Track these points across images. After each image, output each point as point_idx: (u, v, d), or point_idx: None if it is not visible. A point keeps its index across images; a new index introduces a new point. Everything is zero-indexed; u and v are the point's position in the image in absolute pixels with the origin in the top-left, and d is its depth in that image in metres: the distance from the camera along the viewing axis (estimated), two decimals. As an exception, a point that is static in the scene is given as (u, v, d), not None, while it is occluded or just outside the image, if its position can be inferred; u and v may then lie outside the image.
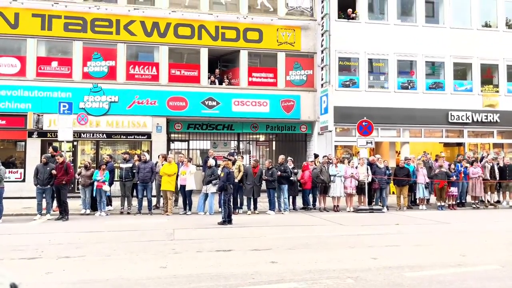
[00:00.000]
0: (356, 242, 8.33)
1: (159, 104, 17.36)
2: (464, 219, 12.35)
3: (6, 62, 16.59)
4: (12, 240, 8.63)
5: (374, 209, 13.72)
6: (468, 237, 9.14)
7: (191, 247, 7.76)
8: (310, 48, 18.93)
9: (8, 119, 16.25)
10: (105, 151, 17.29)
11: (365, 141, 14.45)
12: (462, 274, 5.82)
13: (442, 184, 14.23)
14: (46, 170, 11.75)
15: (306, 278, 5.53)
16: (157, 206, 13.77)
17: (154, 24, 17.55)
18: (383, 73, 19.41)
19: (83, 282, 5.44)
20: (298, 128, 19.23)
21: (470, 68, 20.05)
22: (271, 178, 13.01)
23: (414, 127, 19.31)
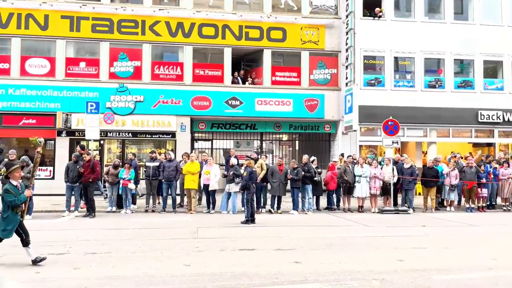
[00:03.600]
0: (381, 244, 8.18)
1: (183, 103, 17.52)
2: (494, 221, 11.97)
3: (37, 63, 17.08)
4: (42, 236, 8.86)
5: (400, 210, 13.45)
6: (498, 240, 8.85)
7: (215, 245, 7.79)
8: (335, 47, 18.72)
9: (38, 118, 16.73)
10: (131, 150, 17.58)
11: (390, 141, 14.18)
12: (493, 278, 5.63)
13: (471, 185, 13.83)
14: (76, 168, 12.05)
15: (330, 279, 5.46)
16: (181, 205, 13.91)
17: (179, 24, 17.73)
18: (410, 71, 19.01)
19: (109, 278, 5.53)
20: (322, 127, 19.06)
21: (501, 66, 19.40)
22: (296, 177, 12.95)
23: (442, 126, 18.83)
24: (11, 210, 6.12)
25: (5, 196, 6.13)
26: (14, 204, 6.11)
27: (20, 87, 16.67)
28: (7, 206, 6.11)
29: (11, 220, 6.12)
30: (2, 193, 6.18)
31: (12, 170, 6.37)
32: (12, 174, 6.37)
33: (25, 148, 17.03)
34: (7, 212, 6.10)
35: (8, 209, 6.11)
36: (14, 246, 7.29)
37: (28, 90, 16.71)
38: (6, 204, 6.12)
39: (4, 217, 6.11)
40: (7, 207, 6.11)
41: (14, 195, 6.12)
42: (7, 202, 6.09)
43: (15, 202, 6.10)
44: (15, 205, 6.12)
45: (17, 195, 6.16)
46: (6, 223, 6.09)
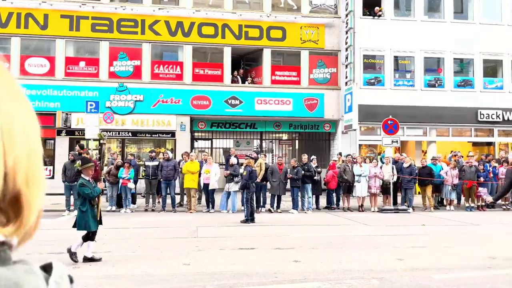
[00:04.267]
0: (381, 243, 8.18)
1: (183, 103, 17.52)
2: (493, 220, 11.98)
3: (36, 62, 17.07)
4: (41, 235, 8.83)
5: (400, 209, 13.46)
6: (498, 239, 8.85)
7: (214, 244, 7.79)
8: (334, 46, 18.71)
9: (38, 117, 16.23)
10: (131, 149, 17.59)
11: (390, 140, 14.19)
12: (492, 277, 5.63)
13: (470, 184, 13.84)
14: (73, 167, 12.03)
15: (329, 278, 5.47)
16: (180, 204, 13.91)
17: (178, 23, 17.72)
18: (409, 70, 19.00)
19: (109, 277, 5.54)
20: (322, 126, 19.06)
21: (500, 65, 19.39)
22: (296, 176, 12.95)
23: (442, 126, 18.82)
24: (89, 203, 6.41)
25: (81, 190, 6.41)
26: (92, 196, 6.38)
27: (20, 86, 16.64)
28: (84, 199, 6.40)
29: (91, 212, 6.41)
30: (78, 188, 6.51)
31: (86, 166, 6.65)
32: (85, 170, 6.62)
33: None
34: (85, 205, 6.39)
35: (85, 203, 6.40)
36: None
37: (27, 90, 16.69)
38: (83, 198, 6.42)
39: (84, 211, 6.38)
40: (84, 200, 6.40)
41: (89, 188, 6.40)
42: (84, 195, 6.38)
43: (92, 194, 6.37)
44: (92, 197, 6.39)
45: (92, 188, 6.44)
46: (87, 217, 6.36)
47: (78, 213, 6.44)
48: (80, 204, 6.43)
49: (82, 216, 6.35)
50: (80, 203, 6.43)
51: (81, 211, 6.37)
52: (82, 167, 6.69)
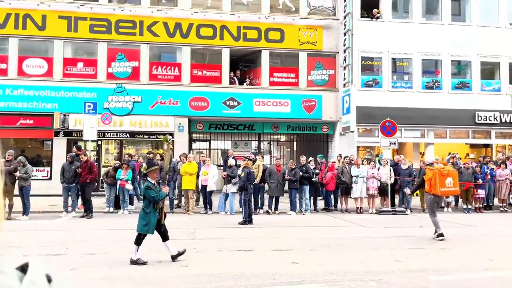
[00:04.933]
0: (379, 244, 8.19)
1: (181, 104, 17.52)
2: (491, 222, 12.00)
3: (34, 63, 17.04)
4: (39, 237, 8.85)
5: (397, 211, 13.48)
6: (495, 241, 8.87)
7: (212, 246, 7.79)
8: (332, 48, 18.75)
9: (36, 118, 16.69)
10: (128, 150, 17.56)
11: (388, 142, 14.22)
12: (489, 279, 5.65)
13: (468, 186, 13.87)
14: (71, 169, 12.03)
15: (327, 280, 5.47)
16: (178, 205, 13.90)
17: (177, 25, 17.72)
18: (407, 72, 19.05)
19: (106, 278, 5.52)
20: (320, 128, 19.08)
21: (498, 67, 19.47)
22: (294, 178, 12.96)
23: (439, 127, 18.88)
24: (153, 206, 6.46)
25: (146, 193, 6.49)
26: (157, 200, 6.46)
27: (18, 87, 16.63)
28: (149, 202, 6.47)
29: (153, 215, 6.44)
30: (143, 190, 6.58)
31: (152, 170, 6.78)
32: (151, 174, 6.74)
33: (22, 148, 17.01)
34: (149, 207, 6.46)
35: (150, 205, 6.47)
36: (10, 247, 7.27)
37: (25, 90, 16.68)
38: (148, 200, 6.49)
39: (147, 212, 6.45)
40: (149, 203, 6.47)
41: (155, 191, 6.49)
42: (150, 198, 6.44)
43: (157, 197, 6.46)
44: (157, 201, 6.47)
45: (157, 192, 6.51)
46: (148, 219, 6.43)
47: (141, 214, 6.51)
48: (145, 206, 6.53)
49: (144, 217, 6.45)
50: (145, 205, 6.52)
51: (145, 212, 6.47)
52: (147, 170, 6.81)
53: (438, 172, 8.80)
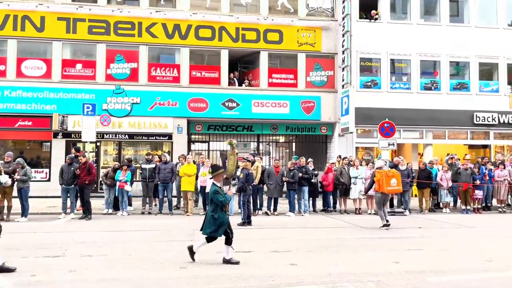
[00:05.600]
0: (377, 245, 8.20)
1: (180, 105, 17.52)
2: (489, 223, 12.02)
3: (33, 65, 17.04)
4: (37, 238, 8.84)
5: (396, 212, 13.49)
6: (494, 242, 8.89)
7: (211, 248, 7.77)
8: (331, 49, 18.78)
9: (35, 120, 16.67)
10: (127, 151, 17.57)
11: (387, 143, 14.24)
12: (488, 280, 5.66)
13: (466, 187, 13.89)
14: (70, 170, 12.03)
15: (326, 281, 5.48)
16: (177, 207, 13.90)
17: (176, 26, 17.73)
18: (406, 73, 19.09)
19: (105, 280, 5.53)
20: (319, 129, 19.10)
21: (496, 68, 19.52)
22: (292, 179, 12.96)
23: (438, 128, 18.91)
24: (221, 210, 6.51)
25: (215, 197, 6.51)
26: (224, 204, 6.54)
27: (16, 88, 16.63)
28: (216, 206, 6.49)
29: (221, 219, 6.49)
30: (211, 195, 6.58)
31: (218, 173, 6.75)
32: (216, 177, 6.74)
33: (21, 150, 17.00)
34: (217, 212, 6.49)
35: (217, 209, 6.49)
36: (9, 249, 7.27)
37: (24, 92, 16.67)
38: (215, 204, 6.51)
39: (216, 218, 6.48)
40: (216, 207, 6.50)
41: (222, 195, 6.54)
42: (218, 202, 6.48)
43: (224, 201, 6.53)
44: (224, 205, 6.54)
45: (224, 195, 6.57)
46: (218, 223, 6.46)
47: (209, 218, 6.52)
48: (212, 210, 6.52)
49: (213, 222, 6.46)
50: (212, 209, 6.53)
51: (213, 218, 6.48)
52: (213, 174, 6.79)
53: (385, 174, 10.56)
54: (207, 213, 6.69)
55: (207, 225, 6.52)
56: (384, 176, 10.54)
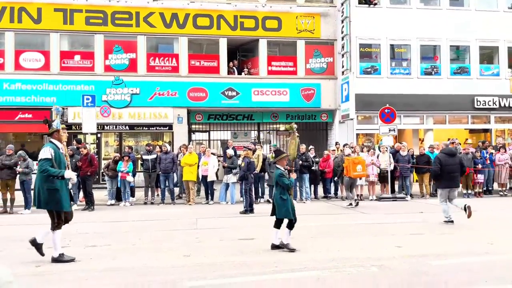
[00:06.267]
0: (379, 231, 8.24)
1: (179, 95, 17.47)
2: (490, 206, 12.06)
3: (31, 57, 16.95)
4: (41, 230, 8.87)
5: (397, 197, 13.53)
6: (495, 225, 8.93)
7: (214, 236, 7.84)
8: (330, 35, 18.64)
9: (34, 112, 16.64)
10: (128, 142, 17.56)
11: (387, 129, 14.21)
12: (489, 263, 5.70)
13: (467, 171, 13.88)
14: (72, 162, 12.02)
15: (329, 267, 5.51)
16: (179, 196, 13.95)
17: (173, 15, 17.59)
18: (406, 59, 18.97)
19: (109, 270, 5.57)
20: (319, 116, 19.06)
21: (496, 51, 19.39)
22: (293, 167, 12.96)
23: (438, 113, 18.87)
24: (287, 192, 6.64)
25: (281, 180, 6.64)
26: (290, 186, 6.70)
27: (15, 81, 16.57)
28: (282, 188, 6.64)
29: (290, 200, 6.64)
30: (277, 178, 6.68)
31: (281, 157, 6.92)
32: (280, 161, 6.91)
33: (22, 143, 17.00)
34: (285, 194, 6.63)
35: (285, 191, 6.63)
36: (14, 241, 7.32)
37: (23, 85, 16.62)
38: (281, 187, 6.65)
39: (284, 199, 6.59)
40: (283, 189, 6.63)
41: (287, 178, 6.69)
42: (283, 185, 6.62)
43: (290, 184, 6.68)
44: (289, 187, 6.70)
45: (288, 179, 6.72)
46: (287, 204, 6.57)
47: (278, 201, 6.63)
48: (280, 193, 6.65)
49: (282, 204, 6.57)
50: (280, 192, 6.66)
51: (282, 199, 6.60)
52: (276, 159, 6.95)
53: (352, 161, 12.02)
54: (274, 197, 6.82)
55: (278, 208, 6.63)
56: (351, 163, 11.95)
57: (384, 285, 4.73)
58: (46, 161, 5.88)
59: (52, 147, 6.02)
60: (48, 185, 5.84)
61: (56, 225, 5.91)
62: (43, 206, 5.92)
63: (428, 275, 5.10)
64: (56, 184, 5.85)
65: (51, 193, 5.83)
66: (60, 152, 6.13)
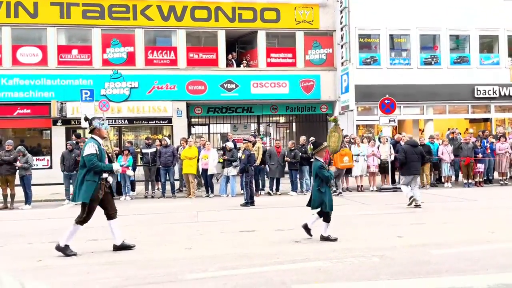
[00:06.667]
0: (380, 221, 8.24)
1: (178, 88, 17.40)
2: (491, 196, 12.07)
3: (28, 52, 16.86)
4: (42, 225, 8.90)
5: (398, 188, 13.50)
6: (496, 214, 8.93)
7: (215, 228, 7.84)
8: (329, 26, 18.52)
9: (33, 108, 16.61)
10: (128, 136, 17.53)
11: (387, 119, 14.18)
12: (490, 251, 5.69)
13: (468, 161, 13.89)
14: (71, 157, 12.04)
15: (330, 257, 5.51)
16: (180, 190, 13.95)
17: (171, 8, 17.46)
18: (405, 49, 18.88)
19: (111, 263, 5.56)
20: (319, 108, 19.01)
21: (496, 40, 19.30)
22: (293, 159, 12.96)
23: (438, 103, 18.82)
24: (326, 184, 6.63)
25: (321, 172, 6.57)
26: (330, 178, 6.70)
27: (13, 76, 16.50)
28: (321, 181, 6.59)
29: (328, 193, 6.61)
30: (317, 170, 6.60)
31: (320, 149, 6.86)
32: (319, 153, 6.85)
33: (21, 138, 16.97)
34: (323, 186, 6.59)
35: (323, 184, 6.60)
36: (14, 236, 7.32)
37: (21, 80, 16.55)
38: (320, 179, 6.60)
39: (322, 191, 6.56)
40: (321, 182, 6.59)
41: (327, 170, 6.67)
42: (323, 178, 6.56)
43: (330, 176, 6.67)
44: (329, 179, 6.69)
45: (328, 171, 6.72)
46: (324, 196, 6.53)
47: (315, 192, 6.60)
48: (318, 185, 6.60)
49: (319, 196, 6.53)
50: (318, 184, 6.61)
51: (320, 191, 6.56)
52: (315, 150, 6.87)
53: (339, 153, 11.72)
54: (312, 188, 6.77)
55: (314, 200, 6.60)
56: (338, 155, 12.08)
57: (386, 274, 4.73)
58: (92, 156, 6.00)
59: (95, 142, 6.17)
60: (88, 178, 5.96)
61: (81, 219, 5.98)
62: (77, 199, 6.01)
63: (429, 264, 5.10)
64: (95, 178, 5.98)
65: (89, 186, 5.93)
66: (102, 147, 6.29)
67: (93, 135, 6.35)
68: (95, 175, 5.98)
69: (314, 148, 6.96)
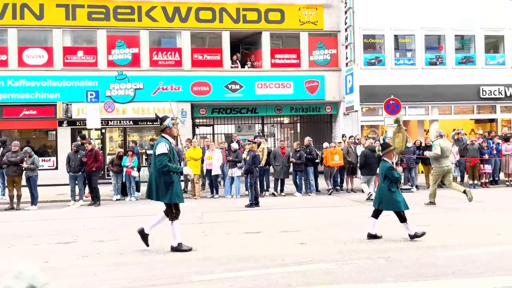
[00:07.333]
0: (385, 222, 8.19)
1: (183, 89, 17.44)
2: (497, 197, 12.00)
3: (34, 53, 16.96)
4: (48, 225, 8.94)
5: (403, 189, 13.43)
6: (502, 216, 8.88)
7: (220, 229, 7.85)
8: (334, 27, 18.50)
9: (39, 109, 16.70)
10: (132, 137, 17.59)
11: (392, 120, 14.11)
12: (497, 253, 5.66)
13: (474, 162, 13.83)
14: (77, 158, 12.09)
15: (336, 259, 5.50)
16: (185, 191, 13.96)
17: (175, 9, 17.51)
18: (410, 49, 18.82)
19: (117, 264, 5.59)
20: (323, 109, 18.99)
21: (502, 40, 19.19)
22: (299, 161, 12.96)
23: (443, 104, 18.74)
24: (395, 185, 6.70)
25: (390, 174, 6.64)
26: (399, 179, 6.83)
27: (19, 78, 16.60)
28: (390, 181, 6.66)
29: (398, 193, 6.69)
30: (387, 171, 6.69)
31: (389, 150, 6.95)
32: (387, 154, 6.93)
33: (27, 139, 17.07)
34: (393, 186, 6.67)
35: (392, 184, 6.67)
36: (21, 237, 7.35)
37: (27, 81, 16.65)
38: (389, 180, 6.66)
39: (393, 191, 6.63)
40: (391, 182, 6.66)
41: (396, 171, 6.72)
42: (393, 179, 6.65)
43: (400, 177, 6.77)
44: (398, 180, 6.79)
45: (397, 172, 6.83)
46: (395, 196, 6.59)
47: (385, 192, 6.65)
48: (387, 186, 6.66)
49: (391, 196, 6.58)
50: (387, 185, 6.66)
51: (391, 191, 6.61)
52: (384, 151, 6.96)
53: (329, 152, 13.19)
54: (382, 189, 6.76)
55: (385, 202, 6.62)
56: (329, 153, 13.10)
57: (392, 277, 4.71)
58: (164, 156, 6.04)
59: (166, 142, 6.20)
60: (166, 178, 6.06)
61: (174, 216, 6.15)
62: (161, 198, 6.13)
63: (435, 267, 5.08)
64: (172, 177, 6.09)
65: (168, 186, 6.06)
66: (173, 146, 6.34)
67: (164, 134, 6.34)
68: (173, 174, 6.08)
69: (382, 150, 7.06)
